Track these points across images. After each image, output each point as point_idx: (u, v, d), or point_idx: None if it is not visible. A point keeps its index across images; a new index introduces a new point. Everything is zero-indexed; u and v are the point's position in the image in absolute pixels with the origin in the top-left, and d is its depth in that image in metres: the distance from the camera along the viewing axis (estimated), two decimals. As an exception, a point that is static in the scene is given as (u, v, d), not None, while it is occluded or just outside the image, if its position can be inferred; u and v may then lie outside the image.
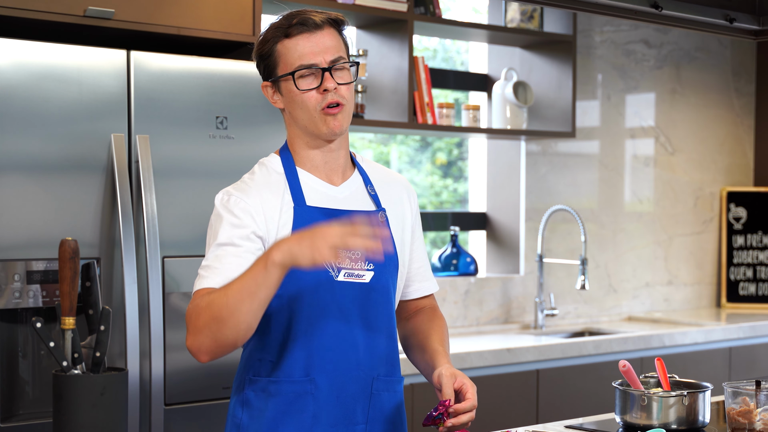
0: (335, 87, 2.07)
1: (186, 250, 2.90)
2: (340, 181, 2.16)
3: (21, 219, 2.65)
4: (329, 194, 2.13)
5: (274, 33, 2.10)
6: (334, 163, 2.15)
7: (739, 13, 3.31)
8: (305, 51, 2.07)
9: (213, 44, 3.20)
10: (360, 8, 3.84)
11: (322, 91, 2.06)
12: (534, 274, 4.75)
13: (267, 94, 2.15)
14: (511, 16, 4.62)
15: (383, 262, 2.12)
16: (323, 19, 2.10)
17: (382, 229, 2.06)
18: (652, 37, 5.22)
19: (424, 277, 2.30)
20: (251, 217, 2.04)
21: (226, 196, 2.07)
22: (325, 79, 2.06)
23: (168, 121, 2.88)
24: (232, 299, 1.88)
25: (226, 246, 2.01)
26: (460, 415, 2.00)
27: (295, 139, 2.15)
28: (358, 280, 2.09)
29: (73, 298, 2.25)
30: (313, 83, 2.07)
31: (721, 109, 5.56)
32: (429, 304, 2.32)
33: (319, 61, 2.07)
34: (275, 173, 2.13)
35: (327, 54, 2.07)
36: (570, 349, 4.03)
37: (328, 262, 1.83)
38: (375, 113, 4.10)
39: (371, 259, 2.09)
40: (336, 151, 2.14)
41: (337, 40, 2.11)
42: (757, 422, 2.24)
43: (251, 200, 2.06)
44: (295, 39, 2.07)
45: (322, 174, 2.14)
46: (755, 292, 5.49)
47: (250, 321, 1.90)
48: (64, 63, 2.73)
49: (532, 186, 4.78)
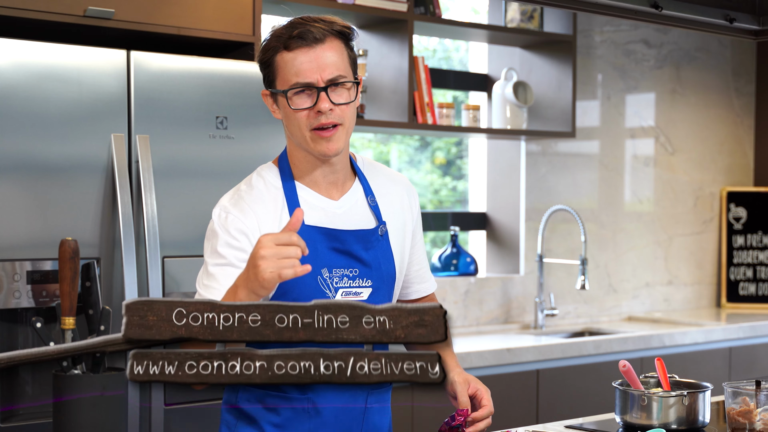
0: (330, 108, 1.99)
1: (186, 250, 2.90)
2: (339, 194, 2.12)
3: (21, 219, 2.65)
4: (328, 210, 2.09)
5: (275, 42, 2.02)
6: (333, 177, 2.11)
7: (739, 13, 3.31)
8: (302, 68, 1.99)
9: (213, 44, 3.20)
10: (360, 8, 3.84)
11: (316, 112, 2.00)
12: (534, 274, 4.75)
13: (267, 103, 2.10)
14: (511, 16, 4.62)
15: (381, 278, 2.11)
16: (325, 31, 2.01)
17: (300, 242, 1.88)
18: (652, 37, 5.22)
19: (423, 278, 2.29)
20: (247, 239, 2.01)
21: (224, 213, 2.04)
22: (320, 99, 1.99)
23: (168, 121, 2.88)
24: None
25: (224, 266, 2.00)
26: (477, 423, 1.99)
27: (293, 151, 2.11)
28: (355, 297, 2.06)
29: (73, 298, 2.25)
30: (307, 102, 2.00)
31: (721, 109, 5.56)
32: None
33: (316, 79, 1.99)
34: (273, 188, 2.08)
35: (325, 71, 1.99)
36: (570, 349, 4.03)
37: (282, 280, 1.79)
38: (375, 113, 4.10)
39: (367, 275, 2.08)
40: (335, 164, 2.10)
41: (339, 55, 2.02)
42: (757, 422, 2.24)
43: (248, 221, 2.03)
44: (294, 53, 1.99)
45: (321, 188, 2.10)
46: (755, 292, 5.49)
47: None
48: (64, 63, 2.73)
49: (532, 186, 4.78)
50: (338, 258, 2.06)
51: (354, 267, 2.07)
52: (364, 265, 2.08)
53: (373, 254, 2.10)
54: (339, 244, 2.07)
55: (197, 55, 2.99)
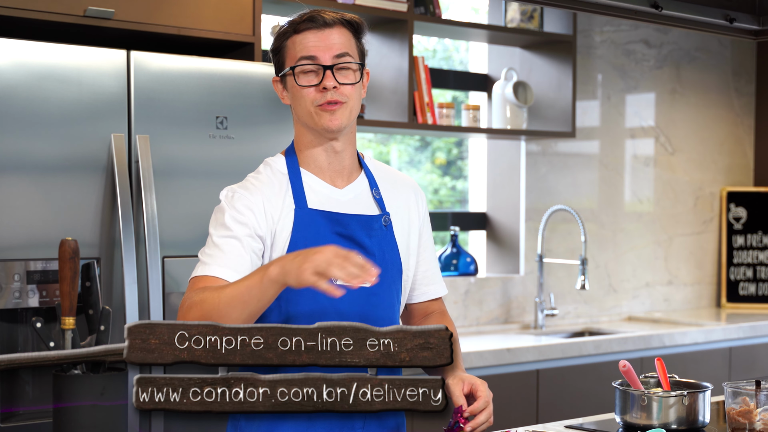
0: (335, 86, 2.03)
1: (186, 250, 2.90)
2: (344, 183, 2.14)
3: (21, 219, 2.65)
4: (332, 197, 2.11)
5: (286, 29, 2.08)
6: (339, 165, 2.13)
7: (739, 13, 3.31)
8: (310, 44, 2.04)
9: (213, 44, 3.20)
10: (360, 8, 3.84)
11: (321, 89, 2.04)
12: (534, 274, 4.75)
13: (277, 90, 2.14)
14: (511, 16, 4.62)
15: (385, 267, 2.10)
16: (335, 18, 2.06)
17: (374, 267, 1.87)
18: (652, 37, 5.22)
19: (432, 280, 2.27)
20: (253, 215, 2.04)
21: (231, 193, 2.07)
22: (326, 77, 2.03)
23: (168, 121, 2.88)
24: (223, 304, 1.86)
25: (228, 238, 2.01)
26: (477, 416, 1.98)
27: (300, 137, 2.13)
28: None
29: (73, 298, 2.25)
30: (314, 80, 2.04)
31: (721, 109, 5.56)
32: (438, 309, 2.29)
33: (321, 55, 2.04)
34: (279, 173, 2.12)
35: (332, 50, 2.04)
36: (570, 349, 4.03)
37: (313, 285, 1.79)
38: (375, 113, 4.10)
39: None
40: (341, 152, 2.12)
41: (346, 39, 2.06)
42: (757, 422, 2.24)
43: (255, 198, 2.05)
44: (303, 34, 2.05)
45: (326, 176, 2.12)
46: (755, 292, 5.49)
47: None
48: (64, 63, 2.73)
49: (532, 186, 4.78)
50: (341, 243, 2.06)
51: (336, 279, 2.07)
52: (368, 253, 2.08)
53: (377, 242, 2.11)
54: (342, 228, 2.08)
55: (197, 55, 2.99)
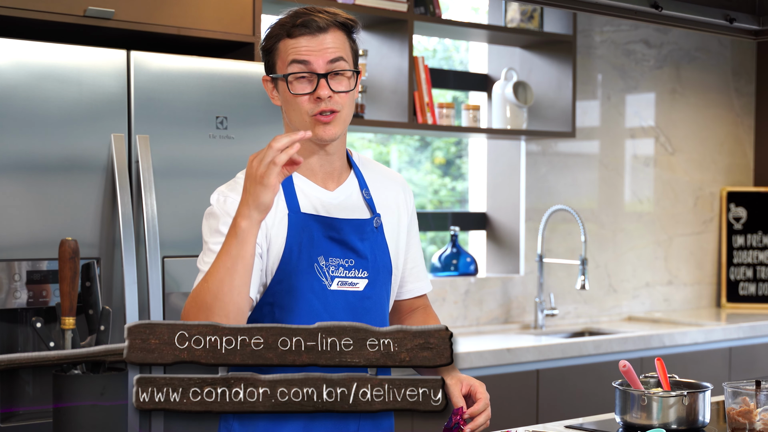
0: (329, 95, 2.01)
1: (186, 250, 2.90)
2: (335, 185, 2.13)
3: (21, 219, 2.65)
4: (323, 200, 2.10)
5: (279, 30, 2.05)
6: (330, 167, 2.12)
7: (739, 13, 3.31)
8: (303, 51, 2.01)
9: (213, 44, 3.20)
10: (360, 8, 3.84)
11: (315, 98, 2.01)
12: (534, 274, 4.75)
13: (267, 89, 2.12)
14: (511, 16, 4.62)
15: (377, 270, 2.11)
16: (329, 21, 2.03)
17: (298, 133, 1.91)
18: (652, 37, 5.22)
19: (418, 277, 2.28)
20: None
21: (222, 197, 2.05)
22: (320, 86, 2.00)
23: (168, 121, 2.88)
24: (212, 283, 1.86)
25: None
26: (476, 417, 1.98)
27: None
28: (351, 288, 2.07)
29: (73, 298, 2.25)
30: (307, 88, 2.02)
31: (721, 109, 5.56)
32: (422, 304, 2.30)
33: (315, 61, 2.01)
34: None
35: (325, 55, 2.01)
36: (570, 349, 4.03)
37: (275, 185, 1.81)
38: (375, 113, 4.10)
39: (363, 266, 2.08)
40: (332, 154, 2.11)
41: (340, 43, 2.04)
42: (757, 422, 2.24)
43: None
44: (297, 39, 2.02)
45: (317, 178, 2.11)
46: (755, 292, 5.49)
47: (237, 300, 1.87)
48: (64, 63, 2.73)
49: (532, 186, 4.78)
50: (334, 247, 2.06)
51: (349, 257, 2.07)
52: (360, 257, 2.08)
53: (369, 245, 2.10)
54: (334, 232, 2.07)
55: (197, 55, 2.99)
